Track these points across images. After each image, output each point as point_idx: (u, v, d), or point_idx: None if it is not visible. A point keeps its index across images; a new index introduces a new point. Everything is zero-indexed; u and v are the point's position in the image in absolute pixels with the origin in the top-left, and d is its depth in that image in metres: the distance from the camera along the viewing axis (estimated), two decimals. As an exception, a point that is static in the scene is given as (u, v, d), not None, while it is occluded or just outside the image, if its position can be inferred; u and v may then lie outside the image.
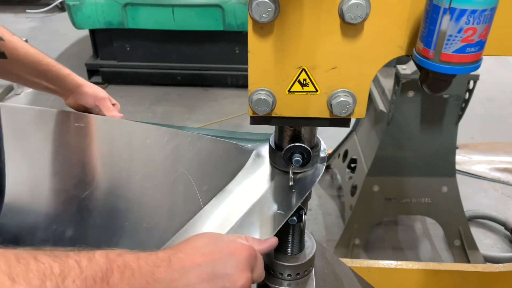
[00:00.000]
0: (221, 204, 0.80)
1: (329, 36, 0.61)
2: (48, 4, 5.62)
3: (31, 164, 0.96)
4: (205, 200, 0.82)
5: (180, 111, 3.50)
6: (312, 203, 2.68)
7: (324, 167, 0.82)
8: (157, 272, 0.58)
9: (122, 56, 3.82)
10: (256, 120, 0.69)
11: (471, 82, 1.96)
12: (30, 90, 3.88)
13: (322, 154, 0.84)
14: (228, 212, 0.79)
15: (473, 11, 0.48)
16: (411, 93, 1.99)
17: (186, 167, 0.91)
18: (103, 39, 3.80)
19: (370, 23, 0.60)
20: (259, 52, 0.63)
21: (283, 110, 0.67)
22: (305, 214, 0.80)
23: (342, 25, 0.60)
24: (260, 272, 0.69)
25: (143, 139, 1.06)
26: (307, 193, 0.78)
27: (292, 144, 0.72)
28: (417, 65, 0.60)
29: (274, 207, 0.78)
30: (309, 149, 0.72)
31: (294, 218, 0.78)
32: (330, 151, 2.85)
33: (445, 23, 0.50)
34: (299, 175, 0.80)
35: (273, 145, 0.79)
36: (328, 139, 3.07)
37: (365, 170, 2.28)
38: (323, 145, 0.82)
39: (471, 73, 1.95)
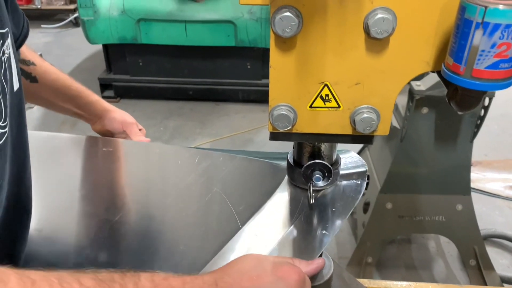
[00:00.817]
0: (260, 223, 0.77)
1: (353, 51, 0.60)
2: (63, 20, 5.71)
3: (60, 189, 0.94)
4: (242, 220, 0.79)
5: (192, 126, 3.50)
6: (324, 220, 2.64)
7: (365, 183, 0.80)
8: None
9: (135, 70, 3.84)
10: (276, 136, 0.67)
11: (487, 99, 1.93)
12: (43, 103, 3.92)
13: (362, 169, 0.83)
14: (268, 232, 0.76)
15: (508, 26, 0.47)
16: (425, 110, 1.97)
17: (220, 187, 0.89)
18: (117, 54, 3.83)
19: (396, 37, 0.58)
20: (281, 67, 0.61)
21: (304, 126, 0.66)
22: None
23: (367, 40, 0.59)
24: None
25: (174, 161, 1.04)
26: (350, 212, 0.75)
27: (313, 161, 0.70)
28: (444, 81, 0.58)
29: (316, 226, 0.75)
30: (329, 166, 0.70)
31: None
32: (342, 167, 2.82)
33: (478, 38, 0.48)
34: (340, 194, 0.78)
35: (291, 161, 0.78)
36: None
37: (378, 187, 2.25)
38: (361, 161, 0.80)
39: (488, 90, 1.92)
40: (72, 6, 5.63)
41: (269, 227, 0.77)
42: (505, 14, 0.46)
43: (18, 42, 0.88)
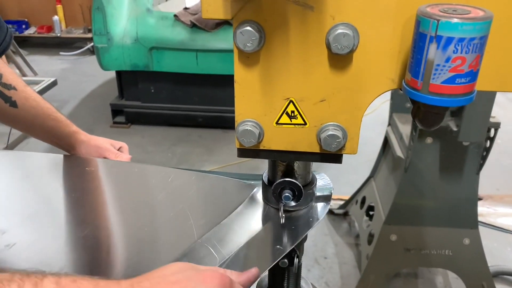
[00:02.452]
0: (215, 237, 0.78)
1: (317, 67, 0.59)
2: (81, 47, 5.88)
3: (32, 207, 0.97)
4: (200, 234, 0.80)
5: (199, 152, 3.51)
6: (328, 251, 2.59)
7: (328, 207, 0.78)
8: None
9: (146, 97, 3.91)
10: (243, 152, 0.66)
11: (492, 130, 1.90)
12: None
13: (326, 193, 0.81)
14: (223, 244, 0.77)
15: (461, 39, 0.46)
16: (429, 140, 1.94)
17: (186, 204, 0.91)
18: (129, 81, 3.91)
19: (359, 54, 0.58)
20: (246, 82, 0.61)
21: (271, 143, 0.65)
22: (297, 257, 0.75)
23: (330, 56, 0.58)
24: None
25: (149, 180, 1.07)
26: (307, 231, 0.74)
27: (282, 179, 0.69)
28: (410, 99, 0.57)
29: (272, 242, 0.75)
30: (299, 185, 0.69)
31: (285, 260, 0.74)
32: (347, 197, 2.78)
33: (432, 52, 0.47)
34: (298, 214, 0.77)
35: (266, 180, 0.76)
36: (346, 185, 3.02)
37: (382, 218, 2.20)
38: (328, 184, 0.79)
39: (492, 120, 1.90)
40: (90, 35, 5.80)
41: (224, 240, 0.77)
42: (457, 27, 0.45)
43: None
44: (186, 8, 3.66)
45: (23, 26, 6.13)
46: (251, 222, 0.80)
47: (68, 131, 1.13)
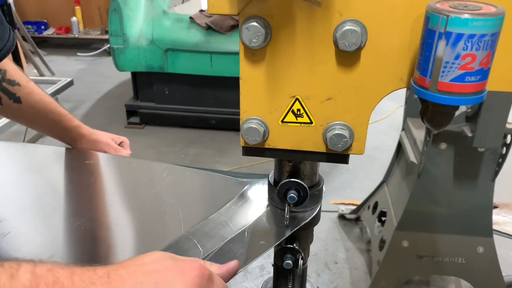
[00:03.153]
0: (201, 231, 0.79)
1: (324, 65, 0.58)
2: (98, 48, 5.94)
3: (30, 197, 0.99)
4: (187, 228, 0.80)
5: (212, 154, 3.51)
6: (339, 256, 2.56)
7: (319, 206, 0.76)
8: None
9: (161, 98, 3.93)
10: (248, 151, 0.65)
11: (508, 136, 1.86)
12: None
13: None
14: (207, 239, 0.78)
15: (471, 36, 0.44)
16: (443, 145, 1.91)
17: (177, 199, 0.93)
18: (144, 82, 3.93)
19: (367, 51, 0.56)
20: (251, 79, 0.60)
21: (277, 141, 0.64)
22: (302, 258, 0.74)
23: (337, 54, 0.57)
24: None
25: (144, 175, 1.10)
26: (294, 229, 0.73)
27: (288, 180, 0.68)
28: (419, 98, 0.56)
29: (257, 238, 0.75)
30: (305, 186, 0.68)
31: (290, 262, 0.73)
32: (359, 202, 2.75)
33: (441, 48, 0.46)
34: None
35: (271, 181, 0.75)
36: (359, 190, 2.99)
37: (394, 223, 2.17)
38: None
39: (508, 126, 1.86)
40: (106, 36, 5.86)
41: (210, 234, 0.78)
42: (468, 23, 0.44)
43: (1, 54, 0.92)
44: (202, 11, 3.68)
45: (42, 27, 6.23)
46: (238, 218, 0.81)
47: (70, 125, 1.15)
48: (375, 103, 0.59)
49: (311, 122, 0.62)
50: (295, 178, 0.69)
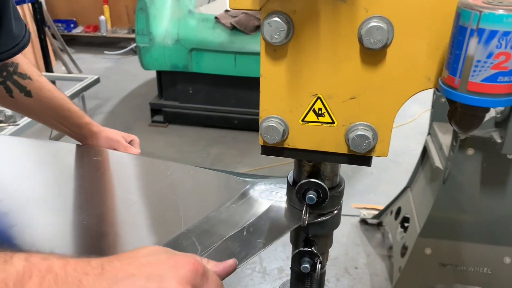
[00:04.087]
0: (200, 229, 0.79)
1: (347, 63, 0.56)
2: (125, 47, 6.02)
3: (41, 189, 1.01)
4: (187, 225, 0.81)
5: (233, 154, 3.51)
6: (360, 261, 2.52)
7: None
8: (84, 279, 0.51)
9: (184, 98, 3.95)
10: (267, 150, 0.64)
11: (540, 143, 1.79)
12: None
13: None
14: (206, 237, 0.78)
15: (506, 33, 0.42)
16: (470, 151, 1.85)
17: (179, 196, 0.95)
18: (168, 81, 3.96)
19: (393, 49, 0.54)
20: (272, 76, 0.59)
21: (296, 141, 0.62)
22: (320, 263, 0.72)
23: (362, 51, 0.55)
24: None
25: (149, 172, 1.11)
26: (295, 226, 0.72)
27: (307, 180, 0.66)
28: (447, 99, 0.53)
29: (256, 236, 0.75)
30: (325, 187, 0.66)
31: (307, 265, 0.71)
32: (381, 207, 2.70)
33: (472, 46, 0.43)
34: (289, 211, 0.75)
35: (290, 181, 0.73)
36: (382, 195, 2.94)
37: (417, 230, 2.12)
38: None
39: (539, 131, 1.78)
40: (133, 35, 5.92)
41: (209, 232, 0.78)
42: (502, 19, 0.41)
43: (16, 50, 0.93)
44: (227, 11, 3.69)
45: (72, 25, 6.36)
46: (238, 216, 0.80)
47: (81, 122, 1.15)
48: (401, 103, 0.57)
49: (333, 122, 0.60)
50: (315, 179, 0.67)
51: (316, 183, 0.65)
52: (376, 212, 2.76)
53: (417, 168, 2.44)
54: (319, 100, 0.59)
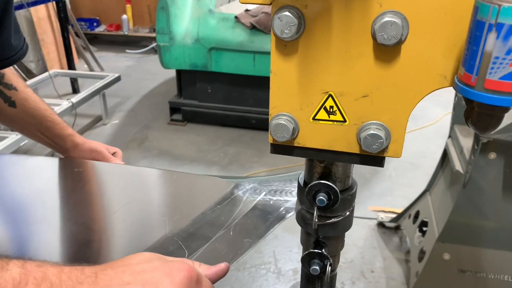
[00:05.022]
0: (186, 232, 0.79)
1: (360, 59, 0.54)
2: (146, 46, 6.08)
3: (21, 204, 0.99)
4: (172, 229, 0.80)
5: (250, 154, 3.50)
6: (376, 265, 2.48)
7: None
8: None
9: (203, 97, 3.96)
10: (276, 148, 0.62)
11: None
12: (116, 121, 4.14)
13: None
14: (192, 240, 0.77)
15: (526, 29, 0.39)
16: (492, 155, 1.80)
17: (163, 201, 0.94)
18: (188, 80, 3.98)
19: (408, 46, 0.52)
20: (282, 73, 0.57)
21: (307, 140, 0.60)
22: (330, 265, 0.70)
23: (375, 48, 0.53)
24: None
25: (131, 180, 1.10)
26: (277, 225, 0.71)
27: (318, 181, 0.64)
28: (464, 98, 0.51)
29: (242, 235, 0.75)
30: (336, 189, 0.64)
31: (317, 267, 0.69)
32: (400, 210, 2.66)
33: (490, 42, 0.41)
34: (271, 207, 0.74)
35: (301, 182, 0.72)
36: (401, 198, 2.89)
37: (435, 234, 2.07)
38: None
39: None
40: (155, 34, 5.99)
41: (195, 234, 0.78)
42: (522, 13, 0.39)
43: (10, 61, 0.93)
44: (247, 10, 3.68)
45: (94, 24, 6.45)
46: (223, 217, 0.80)
47: (64, 133, 1.14)
48: (415, 102, 0.55)
49: (345, 121, 0.58)
50: (326, 180, 0.65)
51: (327, 185, 0.64)
52: (394, 215, 2.71)
53: (436, 172, 2.40)
54: (330, 98, 0.57)
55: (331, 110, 0.58)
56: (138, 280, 0.55)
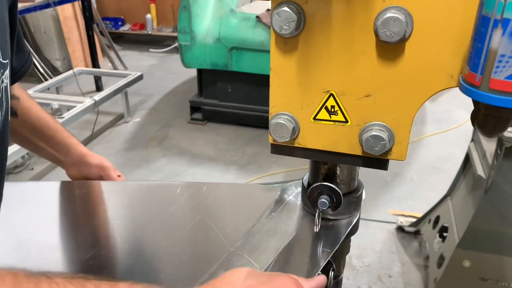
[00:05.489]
0: (248, 244, 0.72)
1: (362, 57, 0.52)
2: (169, 45, 6.13)
3: (33, 234, 0.91)
4: (230, 242, 0.74)
5: (269, 154, 3.45)
6: (394, 269, 2.43)
7: (358, 214, 0.70)
8: None
9: (223, 96, 3.96)
10: (277, 149, 0.61)
11: None
12: (138, 119, 4.18)
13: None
14: (259, 252, 0.71)
15: (534, 25, 0.37)
16: (516, 159, 1.74)
17: (204, 214, 0.85)
18: (208, 79, 3.98)
19: (413, 44, 0.50)
20: (282, 70, 0.56)
21: (307, 140, 0.58)
22: (333, 270, 0.68)
23: (378, 45, 0.51)
24: None
25: (152, 196, 1.01)
26: (349, 228, 0.67)
27: (320, 183, 0.62)
28: (472, 99, 0.48)
29: (311, 246, 0.69)
30: (338, 191, 0.62)
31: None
32: (419, 215, 2.60)
33: (496, 39, 0.39)
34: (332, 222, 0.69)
35: (305, 184, 0.70)
36: (421, 202, 2.82)
37: (455, 240, 2.01)
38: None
39: None
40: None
41: (260, 246, 0.71)
42: (530, 8, 0.36)
43: (14, 78, 0.90)
44: (269, 10, 3.66)
45: (119, 23, 6.53)
46: (283, 224, 0.73)
47: (68, 141, 1.08)
48: (420, 103, 0.52)
49: (346, 121, 0.56)
50: (330, 183, 0.63)
51: (329, 187, 0.62)
52: (413, 220, 2.65)
53: (458, 176, 2.33)
54: (331, 97, 0.55)
55: (332, 110, 0.56)
56: None
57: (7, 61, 0.69)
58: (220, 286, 0.55)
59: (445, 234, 2.27)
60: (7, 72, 0.69)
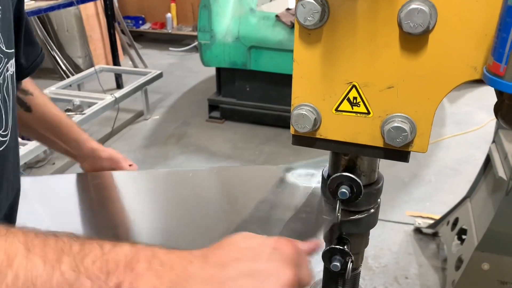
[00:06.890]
0: (257, 217, 0.78)
1: (386, 49, 0.52)
2: (189, 44, 6.18)
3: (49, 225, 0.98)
4: (240, 216, 0.80)
5: (286, 153, 3.49)
6: (411, 271, 2.42)
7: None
8: (190, 267, 0.53)
9: (242, 95, 3.98)
10: (298, 140, 0.61)
11: None
12: (157, 117, 4.23)
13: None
14: (268, 223, 0.77)
15: (560, 14, 0.37)
16: (539, 161, 1.71)
17: (211, 198, 0.92)
18: (227, 78, 4.01)
19: (436, 36, 0.50)
20: (305, 62, 0.56)
21: (329, 132, 0.59)
22: (352, 262, 0.68)
23: (401, 37, 0.51)
24: (307, 272, 0.62)
25: (163, 184, 1.06)
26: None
27: (340, 174, 0.63)
28: (495, 90, 0.48)
29: (317, 213, 0.73)
30: (359, 181, 0.62)
31: (337, 264, 0.67)
32: (438, 216, 2.57)
33: (521, 29, 0.39)
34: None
35: (325, 175, 0.70)
36: (440, 204, 2.79)
37: (474, 243, 1.99)
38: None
39: None
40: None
41: (267, 218, 0.77)
42: (556, -3, 0.37)
43: (25, 73, 0.93)
44: (288, 9, 3.67)
45: (140, 22, 6.61)
46: (287, 199, 0.79)
47: (80, 137, 1.13)
48: (443, 95, 0.53)
49: (368, 113, 0.56)
50: (349, 173, 0.64)
51: (349, 177, 0.62)
52: (431, 222, 2.63)
53: (478, 178, 2.30)
54: (354, 89, 0.55)
55: (354, 101, 0.56)
56: (249, 256, 0.56)
57: (12, 50, 0.71)
58: (223, 248, 0.57)
59: (463, 236, 2.25)
60: (12, 61, 0.72)
